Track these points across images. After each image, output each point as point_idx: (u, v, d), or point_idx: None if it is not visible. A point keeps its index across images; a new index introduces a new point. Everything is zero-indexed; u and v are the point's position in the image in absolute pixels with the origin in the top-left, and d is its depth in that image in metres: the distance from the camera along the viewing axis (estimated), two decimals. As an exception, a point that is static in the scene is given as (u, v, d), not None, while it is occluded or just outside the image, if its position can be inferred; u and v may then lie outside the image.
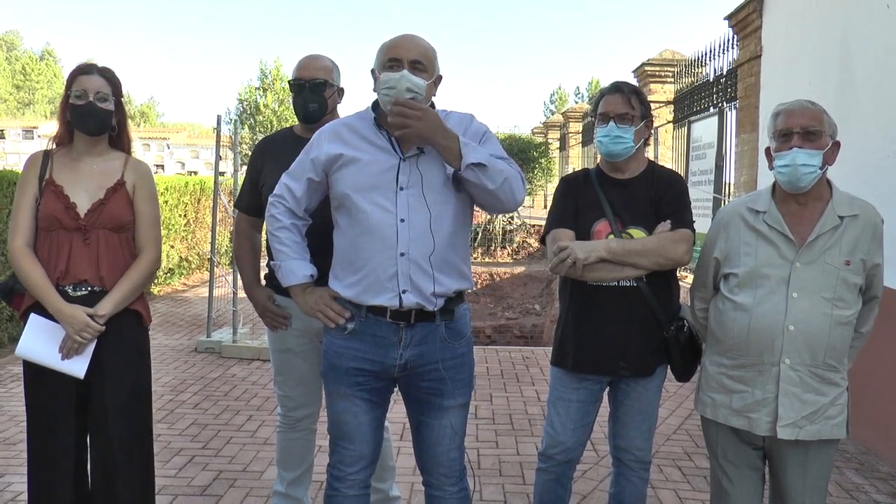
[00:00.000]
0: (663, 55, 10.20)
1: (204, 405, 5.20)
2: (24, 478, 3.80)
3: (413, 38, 2.35)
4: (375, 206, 2.28)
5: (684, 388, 5.43)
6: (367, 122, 2.38)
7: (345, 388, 2.39)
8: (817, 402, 2.31)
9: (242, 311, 7.13)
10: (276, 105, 33.42)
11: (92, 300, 2.59)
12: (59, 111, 2.68)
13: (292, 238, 2.44)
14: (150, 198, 2.74)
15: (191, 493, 3.70)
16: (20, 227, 2.59)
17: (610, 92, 2.70)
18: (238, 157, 7.33)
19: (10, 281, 2.68)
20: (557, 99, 65.27)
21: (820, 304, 2.29)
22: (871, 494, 3.84)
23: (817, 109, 2.34)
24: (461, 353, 2.43)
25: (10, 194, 6.70)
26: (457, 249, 2.36)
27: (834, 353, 2.31)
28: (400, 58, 2.27)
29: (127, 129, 2.77)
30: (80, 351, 2.56)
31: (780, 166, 2.32)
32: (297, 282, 2.43)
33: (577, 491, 3.68)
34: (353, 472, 2.44)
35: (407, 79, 2.24)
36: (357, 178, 2.30)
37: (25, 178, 2.63)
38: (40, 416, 2.63)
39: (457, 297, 2.41)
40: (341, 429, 2.43)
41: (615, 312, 2.61)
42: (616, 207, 2.65)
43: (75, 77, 2.63)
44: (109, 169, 2.69)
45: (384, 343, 2.34)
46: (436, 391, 2.39)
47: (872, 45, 4.63)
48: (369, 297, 2.31)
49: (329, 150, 2.35)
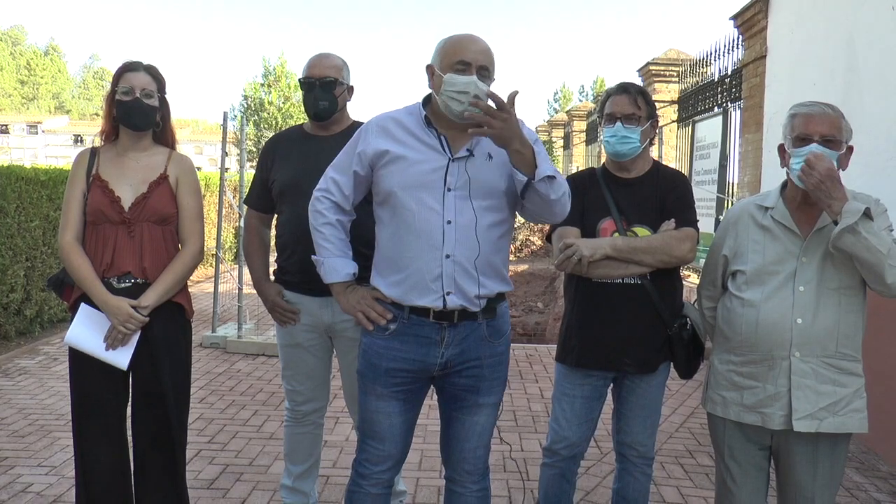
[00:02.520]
0: (668, 55, 10.19)
1: (210, 399, 5.24)
2: (33, 470, 3.88)
3: (479, 40, 2.28)
4: (423, 205, 2.25)
5: (687, 385, 5.46)
6: (416, 118, 2.33)
7: (381, 388, 2.36)
8: (838, 394, 2.30)
9: (247, 306, 7.17)
10: (280, 102, 33.44)
11: (135, 292, 2.64)
12: (105, 107, 2.74)
13: (336, 234, 2.41)
14: (193, 191, 2.79)
15: (198, 486, 3.74)
16: (70, 222, 2.67)
17: (617, 93, 2.72)
18: (244, 154, 7.36)
19: (60, 274, 2.76)
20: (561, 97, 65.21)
21: (826, 294, 2.30)
22: (871, 493, 3.87)
23: (837, 115, 2.32)
24: (500, 351, 2.42)
25: (19, 189, 6.75)
26: (500, 253, 2.35)
27: (847, 342, 2.31)
28: (470, 61, 2.21)
29: (170, 125, 2.83)
30: (124, 342, 2.62)
31: (795, 164, 2.31)
32: (340, 280, 2.40)
33: (580, 487, 3.71)
34: (379, 472, 2.43)
35: (476, 86, 2.18)
36: (405, 176, 2.26)
37: (74, 175, 2.70)
38: (85, 402, 2.68)
39: (498, 296, 2.39)
40: (372, 428, 2.41)
41: (620, 309, 2.63)
42: (621, 206, 2.68)
43: (122, 74, 2.69)
44: (153, 163, 2.74)
45: (426, 343, 2.32)
46: (472, 388, 2.39)
47: (878, 46, 4.65)
48: (413, 298, 2.28)
49: (376, 146, 2.30)
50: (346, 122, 3.02)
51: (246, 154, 7.45)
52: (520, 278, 13.35)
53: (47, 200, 7.14)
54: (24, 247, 6.85)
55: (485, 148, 2.30)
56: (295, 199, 2.88)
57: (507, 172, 2.28)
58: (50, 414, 4.77)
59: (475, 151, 2.28)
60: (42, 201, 7.09)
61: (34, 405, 4.99)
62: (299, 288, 2.93)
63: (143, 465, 2.73)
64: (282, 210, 2.99)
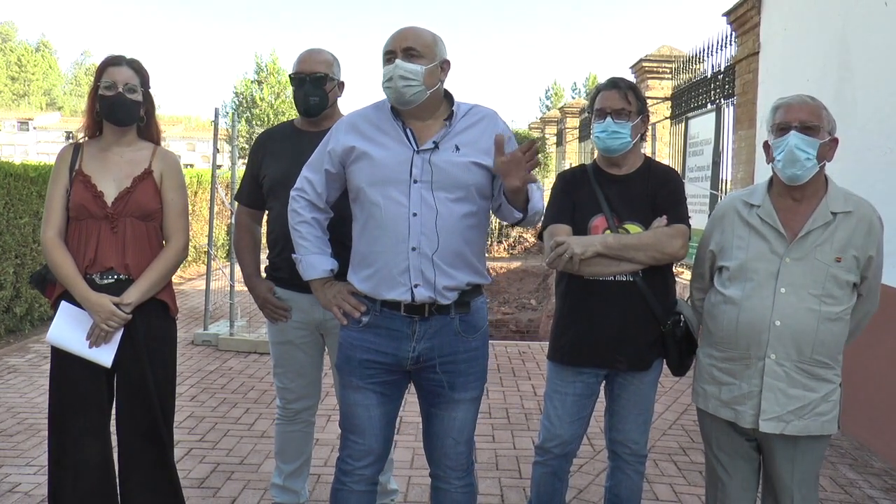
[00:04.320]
0: (661, 51, 10.19)
1: (201, 398, 5.21)
2: (21, 469, 3.84)
3: (407, 28, 2.35)
4: (389, 199, 2.28)
5: (680, 382, 5.46)
6: (383, 112, 2.38)
7: (357, 381, 2.40)
8: (805, 398, 2.32)
9: (239, 304, 7.13)
10: (272, 98, 33.38)
11: (118, 288, 2.61)
12: (88, 102, 2.70)
13: (313, 232, 2.46)
14: (178, 187, 2.76)
15: (188, 485, 3.70)
16: (52, 217, 2.63)
17: (607, 88, 2.71)
18: (236, 150, 7.32)
19: (42, 270, 2.73)
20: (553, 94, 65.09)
21: (807, 299, 2.30)
22: (864, 490, 3.87)
23: (816, 104, 2.34)
24: (474, 346, 2.43)
25: (8, 185, 6.70)
26: (469, 244, 2.35)
27: (823, 350, 2.31)
28: (393, 49, 2.29)
29: (155, 120, 2.80)
30: (107, 339, 2.59)
31: (777, 153, 2.32)
32: (317, 276, 2.45)
33: (573, 485, 3.70)
34: (361, 467, 2.43)
35: (400, 67, 2.25)
36: (371, 171, 2.30)
37: (56, 170, 2.67)
38: (64, 402, 2.64)
39: (473, 290, 2.40)
40: (352, 422, 2.43)
41: (612, 307, 2.62)
42: (613, 203, 2.66)
43: (105, 68, 2.65)
44: (137, 158, 2.71)
45: (398, 336, 2.35)
46: (447, 384, 2.39)
47: (871, 42, 4.65)
48: (383, 292, 2.31)
49: (344, 143, 2.36)
50: (336, 117, 2.99)
51: (237, 151, 7.42)
52: (513, 275, 13.36)
53: (37, 197, 7.08)
54: (14, 244, 6.81)
55: (453, 140, 2.31)
56: (285, 195, 2.84)
57: (475, 165, 2.31)
58: (39, 413, 4.72)
59: (441, 144, 2.30)
60: (32, 198, 7.04)
61: (23, 404, 4.94)
62: (290, 284, 2.90)
63: (128, 465, 2.70)
64: (272, 206, 2.96)
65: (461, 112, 2.37)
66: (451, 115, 2.35)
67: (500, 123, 2.42)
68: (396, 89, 2.26)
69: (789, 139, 2.28)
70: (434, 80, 2.32)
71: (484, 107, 2.43)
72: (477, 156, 2.31)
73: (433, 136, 2.32)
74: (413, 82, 2.26)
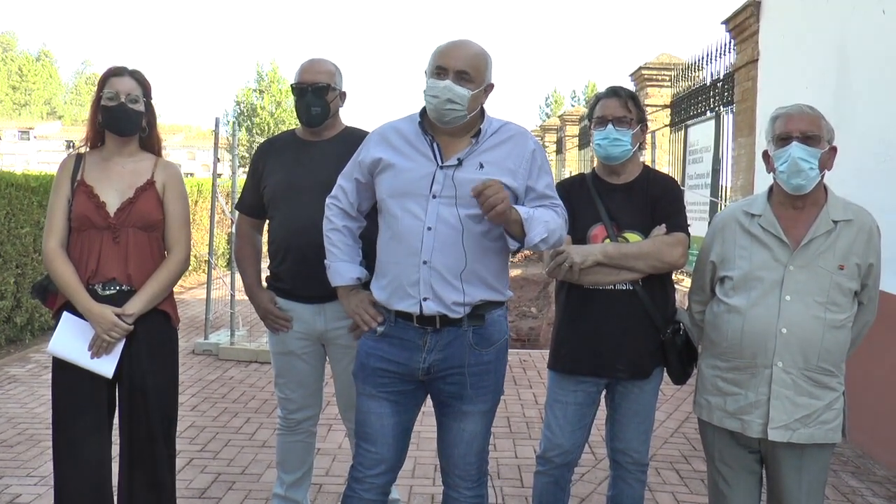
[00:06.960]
0: (660, 59, 10.21)
1: (202, 407, 5.20)
2: (21, 480, 3.83)
3: (464, 45, 2.32)
4: (406, 212, 2.30)
5: (681, 391, 5.44)
6: (414, 125, 2.38)
7: (371, 389, 2.41)
8: (811, 406, 2.32)
9: (240, 313, 7.13)
10: (272, 107, 33.46)
11: (120, 299, 2.62)
12: (90, 112, 2.71)
13: (343, 240, 2.49)
14: (180, 198, 2.77)
15: (189, 495, 3.70)
16: (54, 228, 2.64)
17: (607, 96, 2.72)
18: (236, 159, 7.34)
19: (44, 281, 2.73)
20: (553, 102, 65.19)
21: (813, 307, 2.30)
22: (867, 498, 3.86)
23: (815, 114, 2.35)
24: (487, 360, 2.39)
25: (8, 195, 6.71)
26: (486, 262, 2.33)
27: (828, 357, 2.32)
28: (447, 67, 2.27)
29: (157, 131, 2.81)
30: (108, 350, 2.59)
31: (779, 164, 2.32)
32: (343, 283, 2.49)
33: (575, 494, 3.69)
34: (373, 476, 2.42)
35: (449, 90, 2.24)
36: (393, 183, 2.33)
37: (58, 181, 2.68)
38: (66, 402, 2.64)
39: (488, 304, 2.37)
40: (365, 430, 2.43)
41: (612, 316, 2.62)
42: (612, 212, 2.67)
43: (107, 79, 2.66)
44: (140, 169, 2.72)
45: (410, 346, 2.36)
46: (456, 395, 2.39)
47: (869, 49, 4.66)
48: (395, 302, 2.34)
49: (373, 154, 2.38)
50: (338, 127, 3.00)
51: (238, 159, 7.43)
52: (513, 283, 13.33)
53: (38, 207, 7.09)
54: (14, 254, 6.81)
55: (478, 158, 2.31)
56: (286, 205, 2.86)
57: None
58: (40, 423, 4.71)
59: (465, 161, 2.30)
60: (32, 207, 7.05)
61: (24, 414, 4.94)
62: (291, 295, 2.91)
63: (129, 475, 2.69)
64: (273, 215, 2.96)
65: (491, 129, 2.36)
66: (479, 133, 2.34)
67: (531, 143, 2.39)
68: (439, 110, 2.26)
69: (791, 150, 2.29)
70: (476, 105, 2.33)
71: (515, 125, 2.42)
72: (500, 175, 2.27)
73: (459, 152, 2.32)
74: (458, 107, 2.26)
